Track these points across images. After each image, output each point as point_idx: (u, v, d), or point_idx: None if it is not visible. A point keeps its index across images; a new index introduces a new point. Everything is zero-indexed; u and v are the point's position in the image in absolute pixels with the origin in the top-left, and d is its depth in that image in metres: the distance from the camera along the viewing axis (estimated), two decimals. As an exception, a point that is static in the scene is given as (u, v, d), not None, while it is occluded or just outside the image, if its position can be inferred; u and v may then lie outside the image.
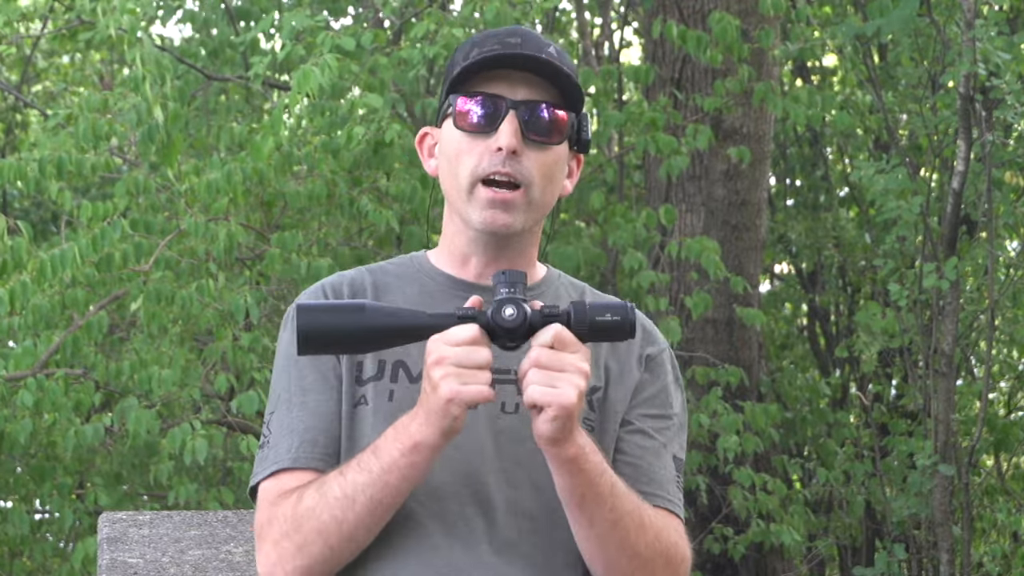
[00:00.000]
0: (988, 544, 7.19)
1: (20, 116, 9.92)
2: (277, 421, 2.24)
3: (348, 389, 2.24)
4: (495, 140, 2.21)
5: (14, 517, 5.66)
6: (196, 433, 5.17)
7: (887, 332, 6.63)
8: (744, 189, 6.92)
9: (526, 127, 2.21)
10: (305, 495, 2.15)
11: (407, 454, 2.08)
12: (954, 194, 5.87)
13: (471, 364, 2.04)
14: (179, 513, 3.96)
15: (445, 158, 2.27)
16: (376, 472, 2.10)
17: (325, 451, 2.21)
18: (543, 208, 2.26)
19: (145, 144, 5.43)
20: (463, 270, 2.29)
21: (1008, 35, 5.79)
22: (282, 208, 6.02)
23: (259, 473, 2.23)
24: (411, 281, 2.31)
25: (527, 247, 2.29)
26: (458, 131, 2.24)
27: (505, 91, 2.22)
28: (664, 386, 2.32)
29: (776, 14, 6.21)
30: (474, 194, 2.22)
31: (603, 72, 6.74)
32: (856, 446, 7.10)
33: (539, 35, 2.28)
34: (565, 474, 2.12)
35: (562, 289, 2.35)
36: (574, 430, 2.08)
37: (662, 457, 2.28)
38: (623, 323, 2.08)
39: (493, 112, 2.21)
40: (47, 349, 5.27)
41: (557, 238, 6.89)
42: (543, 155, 2.23)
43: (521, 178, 2.21)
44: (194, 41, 7.86)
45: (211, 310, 5.32)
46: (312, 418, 2.22)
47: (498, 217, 2.21)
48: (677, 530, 2.26)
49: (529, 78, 2.22)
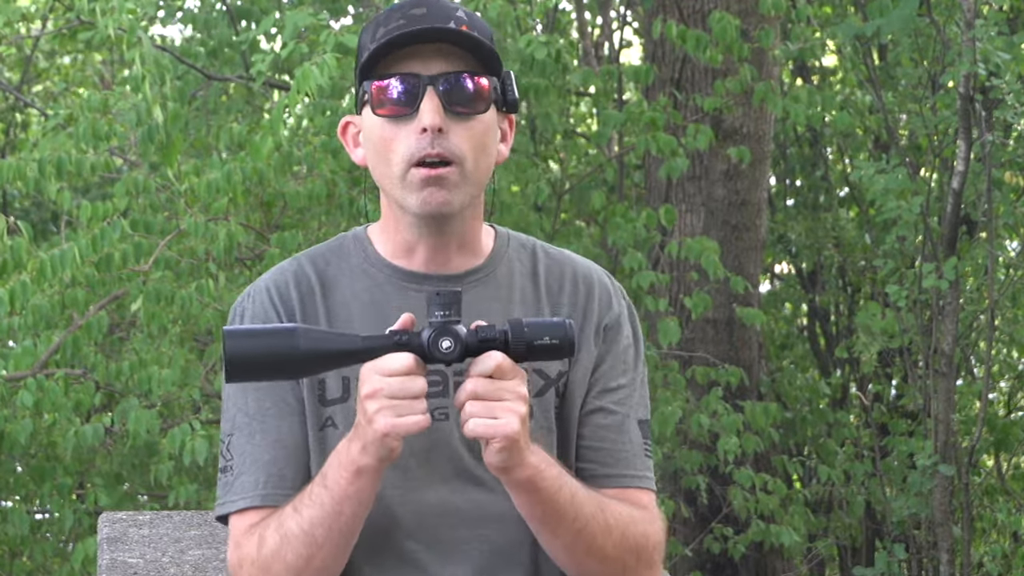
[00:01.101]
0: (988, 544, 7.19)
1: (21, 116, 9.92)
2: (238, 446, 2.16)
3: (312, 410, 2.16)
4: (418, 121, 2.10)
5: (14, 517, 5.66)
6: (196, 433, 5.17)
7: (887, 332, 6.63)
8: (744, 189, 6.92)
9: (447, 101, 2.10)
10: (267, 537, 2.09)
11: (353, 481, 2.02)
12: (954, 194, 5.87)
13: (407, 395, 1.96)
14: (179, 513, 3.96)
15: (371, 147, 2.16)
16: (328, 504, 2.04)
17: (293, 484, 2.13)
18: (480, 180, 2.16)
19: (145, 144, 5.43)
20: (409, 260, 2.19)
21: (1008, 35, 5.79)
22: (282, 208, 6.03)
23: (226, 504, 2.16)
24: (358, 275, 2.21)
25: (470, 225, 2.19)
26: (378, 118, 2.13)
27: (419, 67, 2.11)
28: (621, 351, 2.23)
29: (776, 14, 6.21)
30: (407, 178, 2.11)
31: (603, 72, 6.74)
32: (856, 446, 7.10)
33: (445, 1, 2.16)
34: (522, 494, 2.07)
35: (514, 260, 2.24)
36: (524, 453, 2.01)
37: (625, 430, 2.21)
38: (562, 344, 2.00)
39: (410, 92, 2.10)
40: (47, 349, 5.27)
41: (557, 238, 6.90)
42: (470, 126, 2.12)
43: (452, 155, 2.10)
44: (194, 41, 7.86)
45: (211, 310, 5.32)
46: (275, 448, 2.15)
47: (434, 195, 2.10)
48: (646, 512, 2.20)
49: (443, 48, 2.11)
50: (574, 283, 2.24)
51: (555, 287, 2.24)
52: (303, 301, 2.19)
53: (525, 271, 2.24)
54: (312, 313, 2.18)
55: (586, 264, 2.29)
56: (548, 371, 2.18)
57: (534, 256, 2.26)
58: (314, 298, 2.19)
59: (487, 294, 2.20)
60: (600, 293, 2.24)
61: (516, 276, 2.22)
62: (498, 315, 2.18)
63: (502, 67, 2.16)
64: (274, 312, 2.18)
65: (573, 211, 8.22)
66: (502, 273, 2.23)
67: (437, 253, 2.18)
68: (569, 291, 2.23)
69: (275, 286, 2.20)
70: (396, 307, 2.15)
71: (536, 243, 2.29)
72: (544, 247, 2.29)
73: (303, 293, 2.19)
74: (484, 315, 2.14)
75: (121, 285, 5.43)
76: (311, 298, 2.19)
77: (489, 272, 2.22)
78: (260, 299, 2.20)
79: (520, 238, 2.29)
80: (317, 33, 5.53)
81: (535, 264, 2.25)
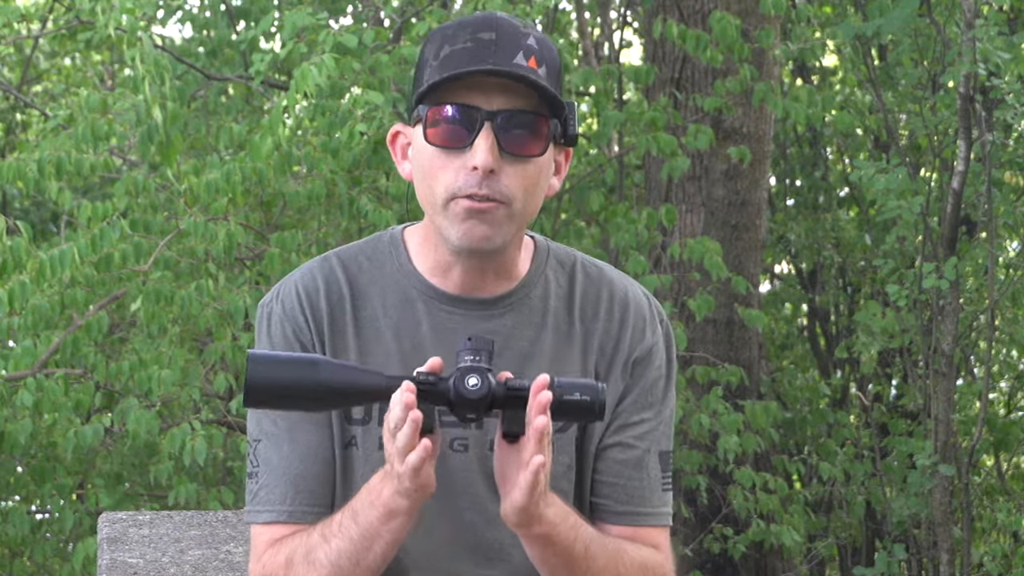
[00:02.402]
0: (988, 544, 7.19)
1: (21, 116, 9.92)
2: (265, 454, 2.14)
3: (338, 427, 2.13)
4: (470, 158, 2.01)
5: (14, 517, 5.66)
6: (196, 433, 5.16)
7: (887, 332, 6.63)
8: (744, 189, 6.92)
9: (503, 141, 2.01)
10: (295, 562, 2.06)
11: (384, 521, 1.98)
12: (954, 194, 5.87)
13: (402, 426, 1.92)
14: (179, 513, 3.96)
15: (418, 168, 2.09)
16: (357, 539, 2.00)
17: (322, 500, 2.11)
18: (527, 218, 2.10)
19: (144, 144, 5.42)
20: (445, 280, 2.13)
21: (1008, 35, 5.79)
22: (281, 208, 6.02)
23: (252, 513, 2.14)
24: (390, 286, 2.15)
25: (510, 254, 2.13)
26: (430, 145, 2.05)
27: (479, 100, 2.02)
28: (649, 384, 2.17)
29: (776, 14, 6.20)
30: (450, 208, 2.04)
31: (603, 72, 6.74)
32: (856, 446, 7.10)
33: (516, 25, 2.06)
34: (536, 547, 2.03)
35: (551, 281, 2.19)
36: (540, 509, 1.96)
37: (644, 466, 2.16)
38: (592, 405, 1.93)
39: (466, 126, 2.02)
40: (47, 349, 5.27)
41: (557, 238, 6.90)
42: (524, 168, 2.04)
43: (501, 196, 2.03)
44: (194, 41, 7.86)
45: (211, 310, 5.31)
46: (304, 462, 2.12)
47: (476, 229, 2.03)
48: (658, 554, 2.16)
49: (506, 83, 2.02)
50: (609, 310, 2.18)
51: (590, 313, 2.18)
52: (332, 313, 2.14)
53: (561, 293, 2.18)
54: (341, 326, 2.14)
55: (624, 287, 2.22)
56: None
57: (572, 277, 2.20)
58: (344, 309, 2.15)
59: (520, 319, 2.15)
60: (635, 321, 2.18)
61: (551, 299, 2.16)
62: (529, 341, 2.14)
63: (563, 103, 2.06)
64: (303, 318, 2.14)
65: (573, 211, 8.21)
66: (536, 296, 2.17)
67: (473, 277, 2.13)
68: (604, 318, 2.18)
69: (305, 292, 2.15)
70: (430, 328, 2.12)
71: (577, 260, 2.22)
72: (584, 265, 2.22)
73: (332, 304, 2.14)
74: (515, 340, 2.11)
75: (121, 285, 5.42)
76: (341, 309, 2.15)
77: (523, 296, 2.16)
78: (290, 303, 2.15)
79: (560, 254, 2.22)
80: (316, 33, 5.53)
81: (572, 286, 2.19)
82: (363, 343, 2.14)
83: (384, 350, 2.13)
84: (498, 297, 2.15)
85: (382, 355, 2.13)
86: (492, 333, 2.10)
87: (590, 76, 6.51)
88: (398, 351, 2.13)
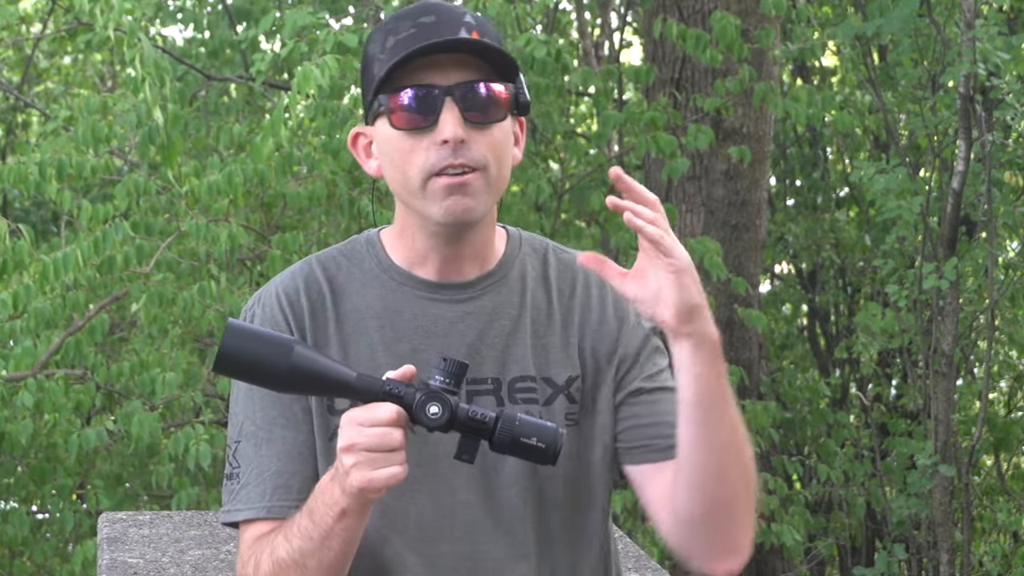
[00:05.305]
0: (988, 544, 7.19)
1: (22, 117, 9.93)
2: (244, 455, 2.16)
3: (320, 421, 2.15)
4: (438, 133, 2.06)
5: (15, 518, 5.66)
6: (199, 436, 5.16)
7: (887, 332, 6.64)
8: (744, 189, 6.92)
9: (466, 111, 2.07)
10: (262, 560, 2.09)
11: (339, 520, 2.00)
12: (954, 194, 5.88)
13: (383, 448, 1.94)
14: (179, 513, 3.97)
15: (387, 159, 2.13)
16: (316, 539, 2.03)
17: (299, 496, 2.12)
18: (501, 187, 2.14)
19: (145, 146, 5.43)
20: (423, 268, 2.17)
21: (1008, 35, 5.79)
22: (282, 209, 6.03)
23: (231, 512, 2.16)
24: (370, 281, 2.19)
25: (485, 233, 2.17)
26: (396, 131, 2.10)
27: (436, 78, 2.07)
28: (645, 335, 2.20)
29: (776, 14, 6.21)
30: (428, 188, 2.08)
31: (603, 72, 6.74)
32: (856, 446, 7.11)
33: (453, 7, 2.13)
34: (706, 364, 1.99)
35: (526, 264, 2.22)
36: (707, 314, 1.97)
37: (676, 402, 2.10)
38: (547, 451, 1.94)
39: (428, 104, 2.07)
40: (47, 349, 5.28)
41: (557, 238, 6.90)
42: (490, 134, 2.09)
43: (476, 163, 2.07)
44: (195, 41, 7.86)
45: (212, 311, 5.32)
46: (282, 460, 2.14)
47: (459, 203, 2.08)
48: None
49: (457, 57, 2.08)
50: (586, 286, 2.22)
51: (567, 291, 2.21)
52: (313, 308, 2.17)
53: (536, 275, 2.22)
54: (322, 321, 2.17)
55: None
56: (556, 379, 2.17)
57: (545, 261, 2.24)
58: (324, 305, 2.17)
59: (500, 300, 2.18)
60: (613, 294, 2.20)
61: (528, 280, 2.20)
62: (510, 320, 2.17)
63: (517, 71, 2.12)
64: (283, 318, 2.16)
65: (573, 211, 8.22)
66: (514, 277, 2.21)
67: (450, 263, 2.16)
68: (581, 294, 2.21)
69: (285, 292, 2.18)
70: (411, 314, 2.14)
71: (548, 246, 2.26)
72: (556, 250, 2.26)
73: (313, 300, 2.17)
74: (497, 319, 2.14)
75: (122, 286, 5.43)
76: (321, 305, 2.17)
77: (501, 276, 2.20)
78: (270, 304, 2.18)
79: (532, 241, 2.26)
80: (317, 32, 5.54)
81: (546, 269, 2.23)
82: (345, 335, 2.16)
83: (368, 341, 2.15)
84: (476, 279, 2.18)
85: (366, 346, 2.16)
86: (473, 315, 2.15)
87: (590, 76, 6.52)
88: (381, 340, 2.15)
